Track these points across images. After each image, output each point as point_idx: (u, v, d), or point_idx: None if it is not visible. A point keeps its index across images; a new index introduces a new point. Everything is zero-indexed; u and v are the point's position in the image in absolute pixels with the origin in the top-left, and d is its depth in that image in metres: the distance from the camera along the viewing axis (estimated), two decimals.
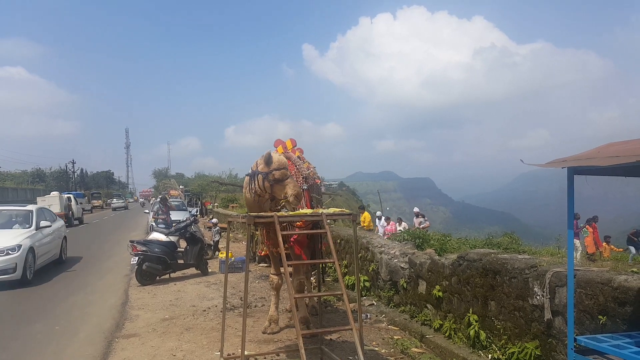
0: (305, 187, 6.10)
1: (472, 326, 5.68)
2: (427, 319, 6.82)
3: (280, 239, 4.37)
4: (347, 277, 9.69)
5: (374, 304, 8.31)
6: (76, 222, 28.99)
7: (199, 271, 10.88)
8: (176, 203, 23.37)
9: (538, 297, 4.88)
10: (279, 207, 5.40)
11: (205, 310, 7.81)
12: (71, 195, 30.04)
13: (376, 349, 5.95)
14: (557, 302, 4.65)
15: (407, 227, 15.35)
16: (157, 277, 10.28)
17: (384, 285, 8.26)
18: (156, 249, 10.18)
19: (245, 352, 5.72)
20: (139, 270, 9.92)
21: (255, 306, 8.18)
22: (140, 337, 6.58)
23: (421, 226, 15.30)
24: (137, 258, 9.91)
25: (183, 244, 11.32)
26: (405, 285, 7.58)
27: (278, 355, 5.63)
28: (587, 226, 16.15)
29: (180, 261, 10.58)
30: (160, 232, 11.40)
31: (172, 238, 10.80)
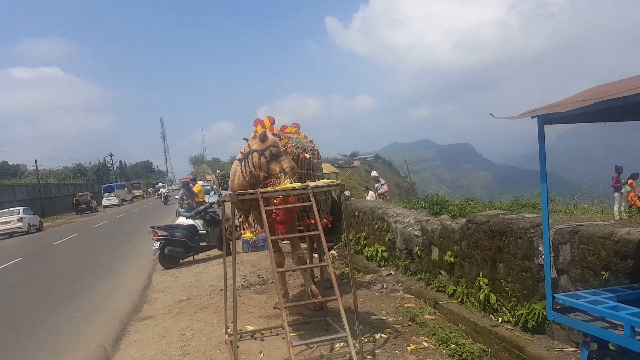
0: None
1: (482, 290, 5.52)
2: (442, 285, 6.68)
3: (264, 214, 4.34)
4: (366, 248, 9.61)
5: (391, 273, 8.21)
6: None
7: (221, 252, 11.06)
8: (207, 187, 23.84)
9: (542, 257, 4.65)
10: (269, 184, 5.35)
11: (222, 290, 7.91)
12: None
13: (384, 317, 5.87)
14: (562, 260, 4.42)
15: (374, 196, 15.04)
16: (180, 260, 10.54)
17: (400, 255, 8.13)
18: (177, 233, 10.41)
19: (251, 327, 5.81)
20: (162, 254, 10.21)
21: (272, 282, 8.24)
22: (155, 318, 6.76)
23: (379, 191, 15.05)
24: (158, 243, 10.17)
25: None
26: (419, 253, 7.44)
27: (283, 329, 5.63)
28: (630, 181, 15.38)
29: (203, 243, 10.78)
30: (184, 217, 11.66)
31: (193, 221, 10.99)
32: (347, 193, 12.73)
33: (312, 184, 4.91)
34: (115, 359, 5.41)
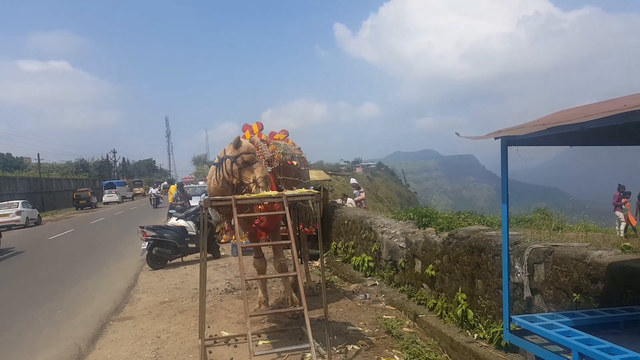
0: (269, 170, 6.04)
1: (460, 305, 5.49)
2: (423, 298, 6.66)
3: (236, 221, 4.35)
4: (354, 257, 9.59)
5: (376, 284, 8.18)
6: None
7: (211, 254, 11.07)
8: (202, 189, 23.77)
9: (519, 275, 4.63)
10: (243, 191, 5.34)
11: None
12: None
13: (360, 329, 5.83)
14: (536, 279, 4.40)
15: (352, 203, 15.20)
16: (168, 261, 10.54)
17: (385, 265, 8.11)
18: (165, 234, 10.42)
19: (226, 333, 5.79)
20: (150, 254, 10.22)
21: (255, 288, 8.23)
22: (135, 319, 6.74)
23: (355, 198, 15.17)
24: (147, 243, 10.19)
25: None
26: (403, 264, 7.42)
27: (259, 336, 5.62)
28: (624, 200, 15.38)
29: (192, 245, 10.78)
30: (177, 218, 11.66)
31: (184, 223, 11.00)
32: (338, 201, 12.70)
33: (288, 192, 4.91)
34: (88, 358, 5.40)
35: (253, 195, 4.88)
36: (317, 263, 10.80)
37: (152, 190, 37.45)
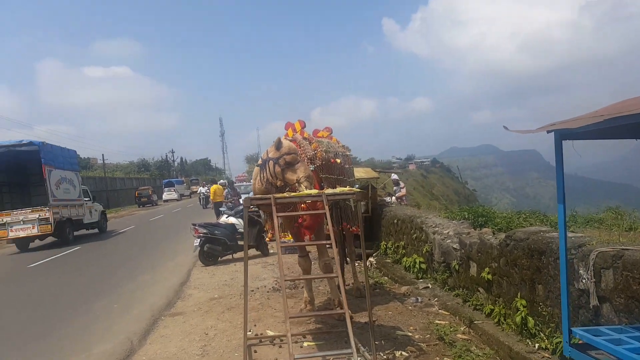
0: (312, 168, 5.90)
1: (519, 312, 5.13)
2: (479, 303, 6.30)
3: (275, 220, 4.27)
4: (404, 258, 9.29)
5: (429, 286, 7.85)
6: None
7: (260, 252, 11.13)
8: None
9: (584, 281, 4.23)
10: (287, 191, 5.26)
11: (252, 291, 7.92)
12: None
13: (410, 334, 5.58)
14: (604, 286, 3.98)
15: (394, 200, 14.46)
16: (219, 258, 10.70)
17: (438, 267, 7.78)
18: (216, 231, 10.59)
19: (271, 332, 5.73)
20: (201, 251, 10.45)
21: (302, 287, 8.15)
22: (185, 315, 6.85)
23: (396, 195, 14.37)
24: (198, 240, 10.41)
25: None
26: (457, 267, 7.08)
27: (305, 337, 5.51)
28: None
29: (241, 242, 10.87)
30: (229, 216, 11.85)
31: (234, 220, 11.14)
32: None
33: (328, 191, 4.76)
34: (139, 353, 5.50)
35: (293, 194, 4.77)
36: (370, 260, 10.58)
37: (201, 190, 33.21)
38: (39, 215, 15.96)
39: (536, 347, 4.78)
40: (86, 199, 19.60)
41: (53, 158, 17.12)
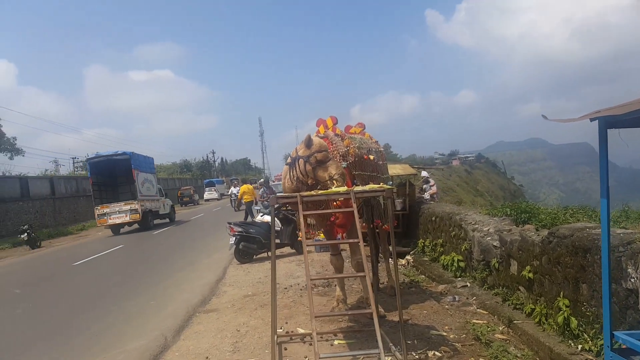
0: (344, 165, 5.77)
1: (562, 312, 4.86)
2: (520, 302, 6.03)
3: (301, 218, 4.19)
4: (442, 256, 9.03)
5: (467, 285, 7.59)
6: None
7: (294, 250, 11.11)
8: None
9: (632, 280, 3.93)
10: (318, 189, 5.17)
11: (286, 288, 7.90)
12: None
13: (444, 334, 5.37)
14: None
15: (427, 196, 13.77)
16: (254, 256, 10.77)
17: (477, 266, 7.50)
18: (251, 230, 10.66)
19: (302, 330, 5.67)
20: (237, 249, 10.56)
21: (335, 285, 8.06)
22: (219, 312, 6.89)
23: (427, 192, 13.70)
24: (234, 238, 10.52)
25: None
26: (497, 265, 6.80)
27: (335, 335, 5.41)
28: None
29: (276, 240, 10.88)
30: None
31: (269, 219, 11.18)
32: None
33: (357, 188, 4.63)
34: (172, 349, 5.57)
35: (320, 191, 4.67)
36: (403, 261, 10.35)
37: (233, 190, 28.65)
38: (130, 207, 20.85)
39: (579, 348, 4.52)
40: (161, 196, 24.87)
41: (139, 164, 22.46)
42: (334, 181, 5.07)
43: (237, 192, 24.35)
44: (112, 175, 23.35)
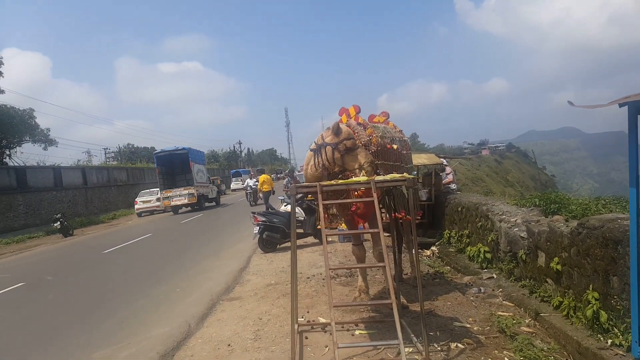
0: None
1: (591, 305, 4.70)
2: (547, 295, 5.89)
3: (320, 207, 4.16)
4: (468, 247, 8.87)
5: (493, 277, 7.45)
6: None
7: (318, 240, 11.11)
8: None
9: None
10: (340, 178, 5.12)
11: (309, 278, 7.91)
12: None
13: (468, 325, 5.28)
14: None
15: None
16: (278, 245, 10.82)
17: (504, 257, 7.35)
18: (274, 219, 10.70)
19: (323, 320, 5.66)
20: (260, 239, 10.63)
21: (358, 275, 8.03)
22: (242, 300, 6.95)
23: (443, 181, 13.28)
24: (258, 228, 10.59)
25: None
26: (524, 257, 6.65)
27: (357, 325, 5.39)
28: None
29: (300, 230, 10.91)
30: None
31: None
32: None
33: (378, 178, 4.55)
34: (196, 335, 5.65)
35: (340, 181, 4.62)
36: (428, 252, 10.23)
37: (249, 182, 26.16)
38: (188, 192, 25.80)
39: (609, 343, 4.37)
40: (209, 183, 29.83)
41: (194, 157, 27.86)
42: (363, 170, 5.01)
43: (253, 184, 24.54)
44: (172, 166, 27.86)
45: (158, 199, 28.42)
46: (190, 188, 25.91)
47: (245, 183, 28.22)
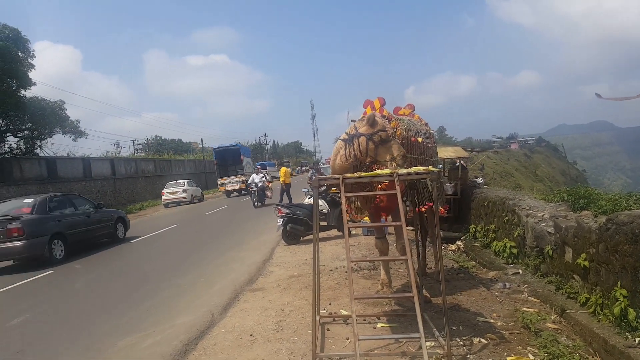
0: None
1: (619, 302, 4.59)
2: (574, 291, 5.77)
3: (343, 200, 4.18)
4: (494, 242, 8.75)
5: (519, 272, 7.33)
6: None
7: (341, 233, 11.12)
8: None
9: None
10: (364, 170, 5.12)
11: (332, 270, 7.94)
12: None
13: (492, 321, 5.22)
14: None
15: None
16: (301, 238, 10.89)
17: (530, 252, 7.22)
18: (298, 212, 10.76)
19: (345, 312, 5.69)
20: (284, 231, 10.71)
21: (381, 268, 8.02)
22: (265, 291, 7.04)
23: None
24: (281, 220, 10.68)
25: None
26: (551, 252, 6.51)
27: (379, 318, 5.40)
28: None
29: (323, 223, 10.93)
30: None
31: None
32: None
33: (402, 170, 4.52)
34: (219, 325, 5.75)
35: (363, 174, 4.62)
36: (453, 247, 10.12)
37: (255, 178, 20.99)
38: (239, 180, 31.26)
39: (637, 341, 4.27)
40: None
41: (244, 151, 35.12)
42: (394, 162, 5.01)
43: (259, 181, 20.51)
44: (226, 159, 33.21)
45: (185, 191, 29.45)
46: (241, 176, 31.49)
47: (250, 179, 21.68)
